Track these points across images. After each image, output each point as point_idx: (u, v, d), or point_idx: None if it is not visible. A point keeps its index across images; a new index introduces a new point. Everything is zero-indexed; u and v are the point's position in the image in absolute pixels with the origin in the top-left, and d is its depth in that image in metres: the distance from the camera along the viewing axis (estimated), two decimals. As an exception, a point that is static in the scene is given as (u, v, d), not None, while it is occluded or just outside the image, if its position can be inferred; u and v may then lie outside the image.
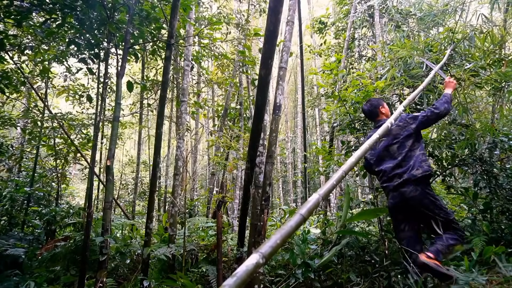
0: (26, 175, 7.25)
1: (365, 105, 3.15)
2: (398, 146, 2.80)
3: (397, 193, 2.70)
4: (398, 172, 2.72)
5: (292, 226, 0.69)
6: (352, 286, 3.39)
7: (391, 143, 2.85)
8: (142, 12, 4.51)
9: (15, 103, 8.83)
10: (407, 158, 2.73)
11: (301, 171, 14.94)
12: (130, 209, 10.83)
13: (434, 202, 2.60)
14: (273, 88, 10.94)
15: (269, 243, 0.65)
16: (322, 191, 0.79)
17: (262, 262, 0.63)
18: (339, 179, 0.87)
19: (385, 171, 2.82)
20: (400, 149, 2.78)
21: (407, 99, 2.45)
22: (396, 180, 2.71)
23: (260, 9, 8.91)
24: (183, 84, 5.55)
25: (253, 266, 0.61)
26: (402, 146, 2.78)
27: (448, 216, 2.57)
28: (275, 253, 0.66)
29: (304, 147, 8.56)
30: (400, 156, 2.76)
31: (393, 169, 2.76)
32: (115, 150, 3.74)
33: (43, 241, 5.63)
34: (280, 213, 8.32)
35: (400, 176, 2.69)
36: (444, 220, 2.54)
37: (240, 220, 4.18)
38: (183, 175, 6.43)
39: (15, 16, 4.02)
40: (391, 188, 2.74)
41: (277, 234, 0.67)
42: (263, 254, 0.63)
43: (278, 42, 3.94)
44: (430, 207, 2.58)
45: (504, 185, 3.60)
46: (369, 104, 3.11)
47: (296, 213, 0.72)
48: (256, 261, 0.62)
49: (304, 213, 0.72)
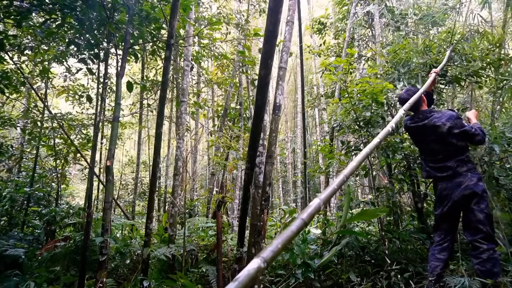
0: (26, 176, 7.24)
1: (407, 93, 3.05)
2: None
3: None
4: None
5: (293, 230, 0.70)
6: (352, 286, 3.39)
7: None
8: (142, 12, 4.51)
9: (15, 103, 8.83)
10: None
11: (301, 171, 14.94)
12: (130, 209, 10.82)
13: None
14: (273, 88, 10.94)
15: (270, 248, 0.65)
16: (323, 195, 0.80)
17: (263, 267, 0.63)
18: (341, 184, 0.88)
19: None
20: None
21: (408, 102, 2.45)
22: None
23: (260, 9, 8.90)
24: (183, 84, 5.55)
25: (255, 270, 0.61)
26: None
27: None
28: (276, 257, 0.67)
29: (304, 147, 8.55)
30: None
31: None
32: (115, 150, 3.74)
33: (43, 241, 5.63)
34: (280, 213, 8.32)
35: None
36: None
37: (240, 220, 4.18)
38: (183, 175, 6.43)
39: (15, 16, 4.02)
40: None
41: (279, 239, 0.67)
42: (265, 259, 0.64)
43: (278, 42, 3.94)
44: None
45: (504, 186, 3.60)
46: (412, 92, 2.98)
47: (298, 217, 0.72)
48: (257, 266, 0.62)
49: (305, 218, 0.72)
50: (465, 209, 2.72)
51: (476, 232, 2.62)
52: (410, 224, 4.27)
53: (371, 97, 3.87)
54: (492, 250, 2.54)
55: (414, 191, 4.14)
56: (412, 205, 4.55)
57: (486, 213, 2.63)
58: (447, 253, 2.76)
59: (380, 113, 4.02)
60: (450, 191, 2.76)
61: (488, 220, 2.62)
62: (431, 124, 2.90)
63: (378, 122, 4.05)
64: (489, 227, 2.61)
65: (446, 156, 2.84)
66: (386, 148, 3.91)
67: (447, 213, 2.80)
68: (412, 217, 4.32)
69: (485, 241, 2.57)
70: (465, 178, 2.71)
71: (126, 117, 10.84)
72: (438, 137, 2.86)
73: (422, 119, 2.98)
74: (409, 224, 4.27)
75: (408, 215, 4.45)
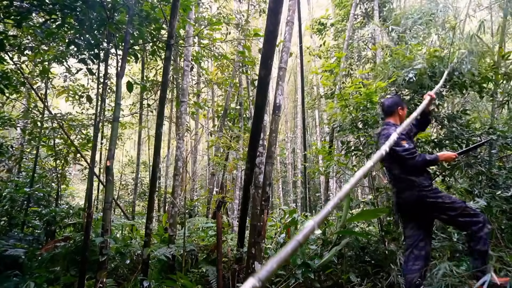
0: (26, 176, 7.24)
1: (387, 100, 3.05)
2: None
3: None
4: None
5: (288, 251, 0.75)
6: (352, 286, 3.39)
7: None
8: (142, 13, 4.51)
9: (15, 103, 8.83)
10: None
11: (301, 171, 14.93)
12: (130, 209, 10.82)
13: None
14: (273, 88, 10.94)
15: (266, 268, 0.70)
16: (318, 218, 0.86)
17: (258, 286, 0.66)
18: (335, 205, 0.94)
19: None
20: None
21: (401, 126, 2.42)
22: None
23: (260, 10, 8.90)
24: (182, 84, 5.56)
25: None
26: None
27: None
28: (271, 277, 0.69)
29: (304, 147, 8.56)
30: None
31: None
32: (115, 151, 3.74)
33: (43, 241, 5.62)
34: (280, 213, 8.32)
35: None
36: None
37: (240, 220, 4.18)
38: (183, 175, 6.44)
39: (15, 17, 4.02)
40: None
41: (274, 259, 0.72)
42: (260, 278, 0.67)
43: (277, 43, 3.94)
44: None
45: (503, 185, 3.60)
46: (391, 100, 3.01)
47: (293, 239, 0.78)
48: (252, 285, 0.66)
49: (301, 239, 0.78)
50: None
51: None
52: (410, 224, 4.25)
53: (366, 97, 3.87)
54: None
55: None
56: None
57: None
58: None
59: (376, 113, 4.02)
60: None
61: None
62: (381, 141, 2.83)
63: (377, 122, 4.05)
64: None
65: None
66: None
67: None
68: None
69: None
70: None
71: (126, 117, 10.83)
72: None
73: (378, 134, 2.98)
74: (409, 224, 4.26)
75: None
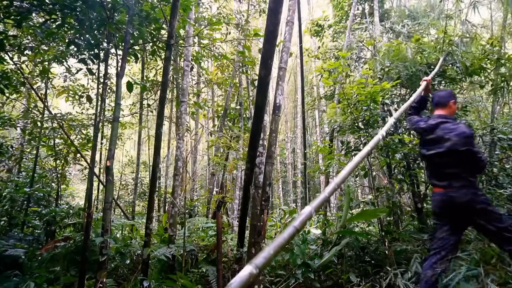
0: (26, 176, 7.24)
1: (441, 91, 3.02)
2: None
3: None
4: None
5: (285, 237, 0.74)
6: (352, 286, 3.39)
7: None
8: (142, 13, 4.51)
9: (15, 103, 8.83)
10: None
11: (301, 171, 14.93)
12: (130, 209, 10.82)
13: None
14: (273, 88, 10.94)
15: (263, 254, 0.69)
16: (315, 203, 0.84)
17: (255, 273, 0.67)
18: (332, 192, 0.93)
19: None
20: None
21: (398, 111, 2.43)
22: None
23: (260, 10, 8.90)
24: (182, 84, 5.55)
25: (247, 277, 0.64)
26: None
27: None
28: (269, 264, 0.70)
29: (304, 147, 8.56)
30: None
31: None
32: (115, 151, 3.74)
33: (43, 241, 5.62)
34: (280, 213, 8.32)
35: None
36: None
37: (240, 220, 4.18)
38: (183, 175, 6.43)
39: (15, 17, 4.02)
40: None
41: (271, 246, 0.71)
42: (257, 265, 0.67)
43: (277, 43, 3.94)
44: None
45: (504, 185, 3.61)
46: (445, 92, 2.97)
47: (290, 225, 0.76)
48: (249, 272, 0.66)
49: (298, 225, 0.76)
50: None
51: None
52: (410, 224, 4.27)
53: (369, 97, 3.87)
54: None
55: (414, 191, 4.14)
56: (412, 205, 4.55)
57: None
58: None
59: (379, 113, 4.03)
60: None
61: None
62: (440, 134, 2.70)
63: (377, 122, 4.05)
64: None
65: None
66: (385, 147, 3.91)
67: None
68: (412, 217, 4.32)
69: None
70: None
71: (126, 117, 10.83)
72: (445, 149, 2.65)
73: (434, 126, 2.78)
74: (409, 224, 4.28)
75: (408, 215, 4.45)
